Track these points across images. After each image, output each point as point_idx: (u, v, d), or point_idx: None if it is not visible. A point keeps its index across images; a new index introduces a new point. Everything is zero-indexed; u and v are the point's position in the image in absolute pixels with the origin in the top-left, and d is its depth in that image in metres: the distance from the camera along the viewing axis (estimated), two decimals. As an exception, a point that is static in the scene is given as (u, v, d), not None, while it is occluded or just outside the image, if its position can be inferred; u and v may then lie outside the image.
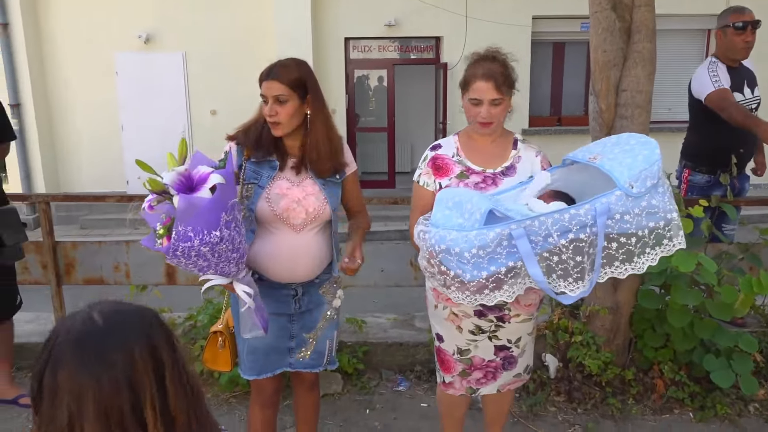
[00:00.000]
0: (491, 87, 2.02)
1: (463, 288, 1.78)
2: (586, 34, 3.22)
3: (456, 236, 1.74)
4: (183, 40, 9.03)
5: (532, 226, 1.73)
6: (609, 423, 3.00)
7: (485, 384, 2.29)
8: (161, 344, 0.97)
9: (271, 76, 2.00)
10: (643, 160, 1.77)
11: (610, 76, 2.87)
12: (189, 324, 3.49)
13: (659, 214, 1.76)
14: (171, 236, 1.70)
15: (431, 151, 2.20)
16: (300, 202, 2.08)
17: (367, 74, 10.45)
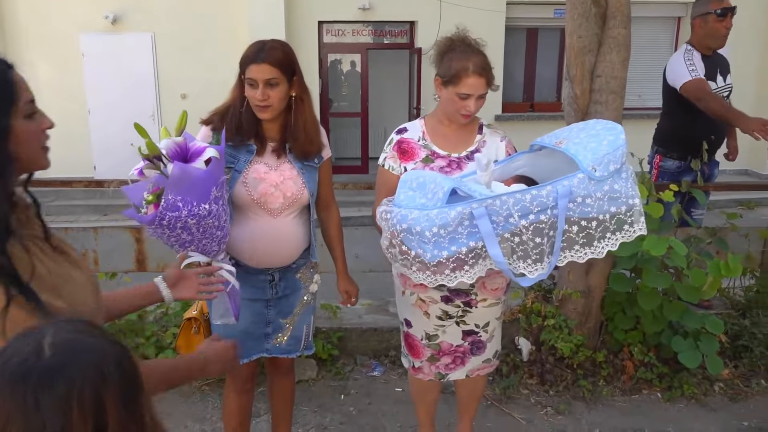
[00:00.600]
0: (483, 83, 2.03)
1: (423, 268, 1.77)
2: (560, 20, 3.23)
3: (417, 215, 1.73)
4: (152, 21, 8.81)
5: (494, 205, 1.72)
6: (580, 404, 3.05)
7: (454, 369, 2.31)
8: (111, 396, 0.81)
9: (261, 59, 1.94)
10: (608, 144, 1.77)
11: (585, 62, 2.88)
12: (160, 311, 3.44)
13: (621, 199, 1.76)
14: (158, 204, 1.66)
15: (397, 135, 2.18)
16: (278, 187, 2.05)
17: (340, 58, 10.35)
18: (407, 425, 2.87)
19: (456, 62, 2.02)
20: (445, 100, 2.08)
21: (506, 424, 2.88)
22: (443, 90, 2.07)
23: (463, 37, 2.09)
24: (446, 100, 2.08)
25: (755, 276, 3.63)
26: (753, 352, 3.26)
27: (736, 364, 3.29)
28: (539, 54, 9.71)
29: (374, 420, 2.94)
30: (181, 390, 3.16)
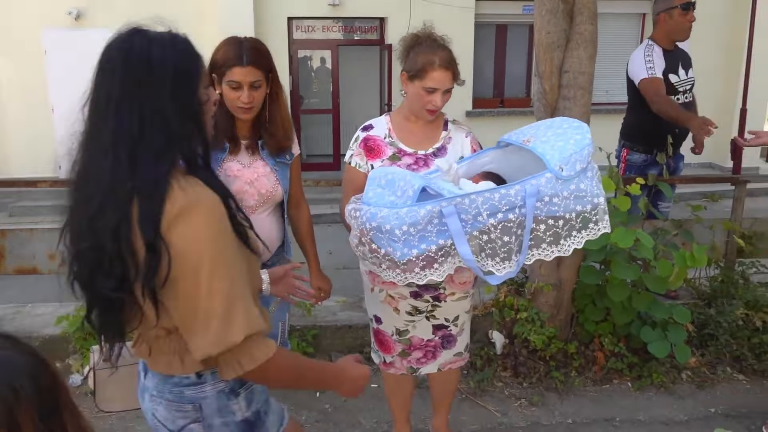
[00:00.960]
0: (449, 77, 2.04)
1: (393, 266, 1.78)
2: (528, 17, 3.26)
3: (387, 213, 1.73)
4: (116, 17, 8.48)
5: (463, 204, 1.74)
6: (553, 395, 3.10)
7: (425, 363, 2.33)
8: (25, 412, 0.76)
9: (246, 61, 1.91)
10: (575, 144, 1.80)
11: (554, 58, 2.92)
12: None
13: (587, 198, 1.79)
14: None
15: (363, 132, 2.18)
16: (252, 184, 2.04)
17: (310, 55, 10.29)
18: (383, 421, 2.88)
19: (422, 57, 2.03)
20: (411, 95, 2.08)
21: (481, 417, 2.91)
22: (409, 85, 2.07)
23: (429, 33, 2.10)
24: (413, 95, 2.08)
25: (720, 266, 3.73)
26: (719, 340, 3.35)
27: (702, 352, 3.38)
28: (509, 50, 9.79)
29: (350, 416, 2.94)
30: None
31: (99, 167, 1.12)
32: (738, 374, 3.29)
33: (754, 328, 3.37)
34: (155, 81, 1.12)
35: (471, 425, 2.85)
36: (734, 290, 3.57)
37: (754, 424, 2.87)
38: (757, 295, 3.50)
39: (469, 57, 8.92)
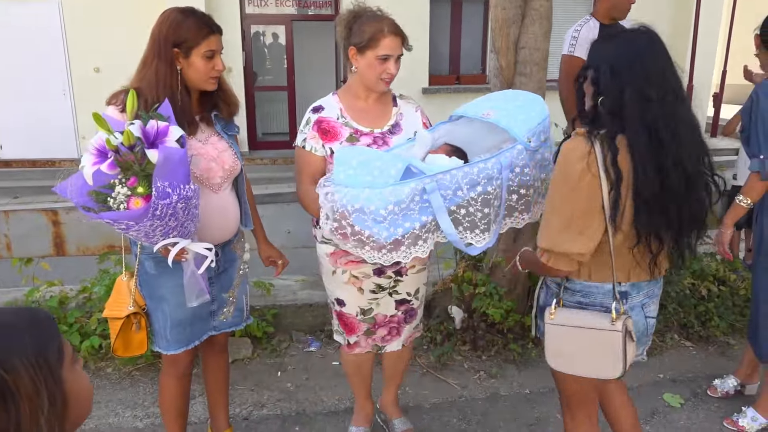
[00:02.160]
0: (399, 43, 2.04)
1: (378, 247, 1.77)
2: (484, -8, 3.24)
3: (370, 194, 1.71)
4: (56, -11, 8.23)
5: (443, 180, 1.76)
6: (511, 367, 3.18)
7: (390, 341, 2.35)
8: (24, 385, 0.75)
9: (216, 29, 1.92)
10: (537, 116, 1.86)
11: (510, 34, 2.93)
12: (83, 297, 3.29)
13: (549, 166, 1.89)
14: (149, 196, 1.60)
15: (314, 114, 2.12)
16: (216, 160, 2.01)
17: (263, 30, 10.06)
18: (345, 398, 2.90)
19: (368, 26, 2.01)
20: (363, 68, 2.05)
21: (442, 391, 2.96)
22: (360, 58, 2.04)
23: (365, 7, 2.08)
24: (365, 68, 2.05)
25: (668, 238, 3.86)
26: (667, 309, 3.49)
27: (651, 321, 3.51)
28: (464, 27, 9.79)
29: (312, 395, 2.95)
30: (109, 376, 3.05)
31: None
32: (685, 341, 3.44)
33: (700, 296, 3.52)
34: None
35: (432, 399, 2.90)
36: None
37: (700, 388, 3.01)
38: (703, 265, 3.65)
39: (425, 34, 8.89)
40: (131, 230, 1.70)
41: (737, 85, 13.84)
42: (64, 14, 8.37)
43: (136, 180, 1.64)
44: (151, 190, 1.62)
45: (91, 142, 1.67)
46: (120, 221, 1.65)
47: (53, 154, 8.07)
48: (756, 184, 2.41)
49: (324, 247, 2.21)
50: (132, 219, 1.63)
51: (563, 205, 1.59)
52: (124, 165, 1.65)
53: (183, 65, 1.89)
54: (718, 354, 3.34)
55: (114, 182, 1.66)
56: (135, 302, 2.02)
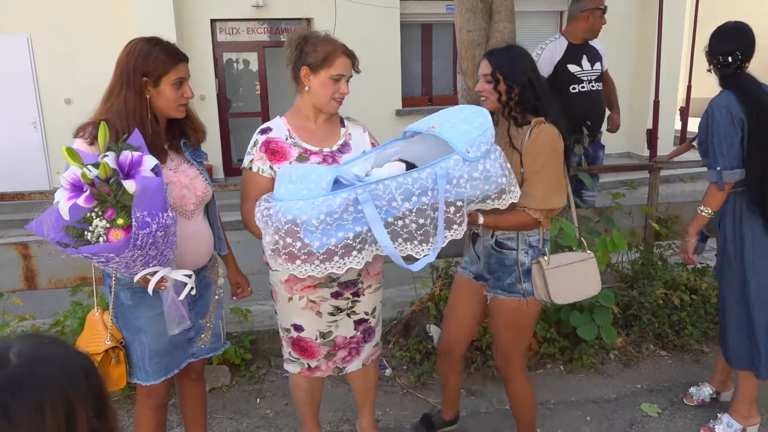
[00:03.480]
0: (351, 64, 2.11)
1: (311, 258, 1.76)
2: (452, 16, 3.33)
3: (302, 205, 1.73)
4: (26, 20, 8.18)
5: (377, 190, 1.77)
6: (491, 384, 3.19)
7: (350, 361, 2.35)
8: (82, 406, 0.81)
9: (184, 57, 1.95)
10: (478, 126, 1.87)
11: (475, 55, 3.00)
12: (56, 330, 3.22)
13: (492, 178, 1.89)
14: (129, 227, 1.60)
15: (261, 135, 2.14)
16: (188, 187, 2.02)
17: (236, 58, 10.10)
18: (325, 421, 2.87)
19: (321, 47, 2.06)
20: (316, 88, 2.09)
21: (422, 410, 2.95)
22: (313, 78, 2.08)
23: (311, 30, 2.15)
24: (318, 87, 2.09)
25: (639, 249, 3.93)
26: (642, 320, 3.54)
27: (628, 332, 3.56)
28: (434, 49, 9.95)
29: (292, 420, 2.92)
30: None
31: None
32: (660, 350, 3.49)
33: (673, 306, 3.58)
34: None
35: (413, 419, 2.89)
36: (654, 271, 3.77)
37: (676, 396, 3.05)
38: (675, 275, 3.71)
39: (396, 56, 9.02)
40: (111, 263, 1.69)
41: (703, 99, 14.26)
42: (33, 45, 8.31)
43: (114, 212, 1.63)
44: (130, 221, 1.62)
45: (63, 177, 1.67)
46: (100, 255, 1.64)
47: (23, 187, 7.94)
48: (715, 193, 2.50)
49: (278, 275, 2.20)
50: (112, 251, 1.63)
51: (558, 170, 2.13)
52: (100, 198, 1.64)
53: (152, 94, 1.90)
54: (693, 362, 3.39)
55: (90, 216, 1.65)
56: (112, 336, 1.98)
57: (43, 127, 8.56)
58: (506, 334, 2.32)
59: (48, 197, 3.50)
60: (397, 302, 3.70)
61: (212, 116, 8.59)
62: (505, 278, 2.23)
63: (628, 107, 10.09)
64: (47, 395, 0.79)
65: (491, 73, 2.16)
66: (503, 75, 2.14)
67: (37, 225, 1.70)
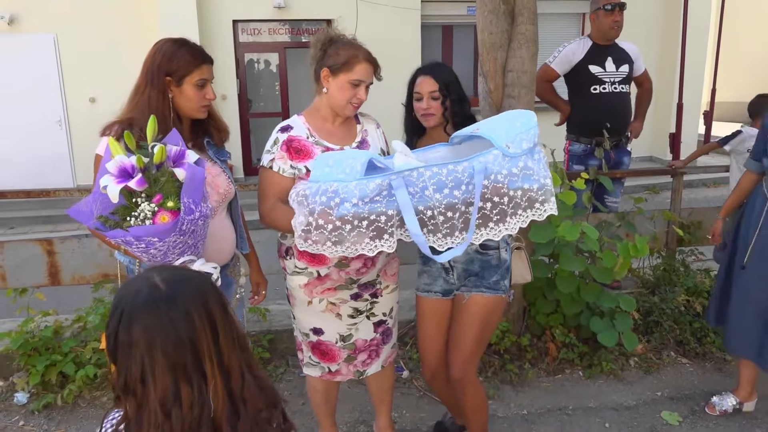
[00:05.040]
0: (372, 71, 2.10)
1: (343, 240, 1.75)
2: (473, 18, 3.32)
3: (337, 187, 1.73)
4: (53, 21, 8.33)
5: (411, 176, 1.74)
6: (508, 388, 3.17)
7: (370, 364, 2.35)
8: (215, 307, 1.13)
9: (208, 59, 1.97)
10: (521, 125, 1.83)
11: (497, 57, 2.98)
12: (78, 326, 3.27)
13: (533, 177, 1.79)
14: (176, 212, 1.64)
15: (282, 134, 2.12)
16: (210, 185, 2.03)
17: (257, 58, 10.18)
18: (342, 422, 2.88)
19: (344, 51, 2.05)
20: (335, 91, 2.08)
21: (439, 413, 2.93)
22: (332, 80, 2.08)
23: (341, 34, 2.13)
24: (336, 90, 2.08)
25: (661, 255, 3.88)
26: (663, 326, 3.49)
27: (648, 338, 3.51)
28: (455, 50, 9.92)
29: (309, 420, 2.93)
30: (105, 405, 3.03)
31: None
32: (682, 358, 3.44)
33: (695, 313, 3.53)
34: None
35: (429, 421, 2.88)
36: (676, 278, 3.72)
37: (698, 405, 3.00)
38: (697, 281, 3.66)
39: (417, 57, 9.01)
40: (151, 248, 1.70)
41: (727, 103, 14.04)
42: (59, 46, 8.46)
43: (161, 197, 1.66)
44: (179, 204, 1.64)
45: (108, 165, 1.68)
46: (142, 238, 1.66)
47: (48, 184, 8.08)
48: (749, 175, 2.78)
49: (297, 279, 2.20)
50: (158, 235, 1.64)
51: None
52: (153, 180, 1.67)
53: (175, 93, 1.93)
54: (715, 370, 3.33)
55: (134, 202, 1.67)
56: None
57: (68, 126, 8.70)
58: (475, 334, 2.25)
59: (72, 194, 3.56)
60: (414, 304, 3.68)
61: (233, 116, 8.65)
62: (491, 276, 2.22)
63: (651, 110, 9.88)
64: (191, 304, 1.09)
65: (438, 89, 2.22)
66: (448, 89, 2.23)
67: (77, 211, 1.71)
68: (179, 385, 1.06)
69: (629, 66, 3.90)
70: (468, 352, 2.27)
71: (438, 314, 2.35)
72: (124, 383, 1.07)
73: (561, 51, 3.90)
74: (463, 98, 2.26)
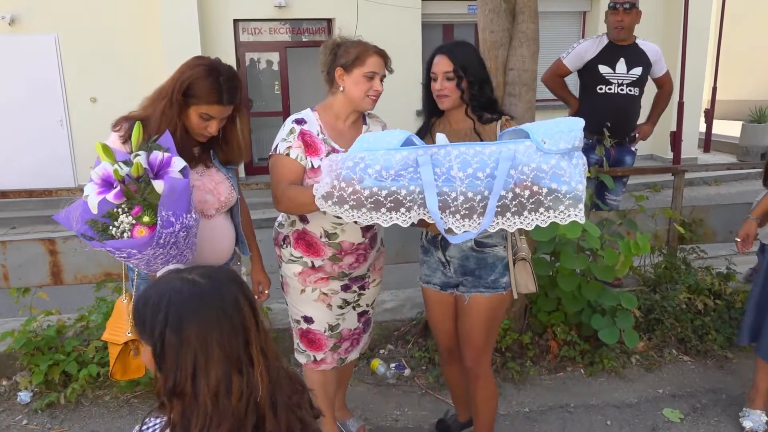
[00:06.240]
0: (383, 63, 2.12)
1: (360, 205, 1.74)
2: (474, 16, 3.32)
3: (365, 154, 1.73)
4: (54, 21, 8.34)
5: (438, 155, 1.72)
6: (510, 386, 3.17)
7: (351, 351, 2.45)
8: (250, 293, 1.19)
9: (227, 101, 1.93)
10: (565, 126, 1.77)
11: (498, 56, 2.99)
12: (81, 325, 3.28)
13: (563, 178, 1.71)
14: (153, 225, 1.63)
15: (297, 125, 2.14)
16: (212, 192, 2.06)
17: (258, 57, 10.19)
18: (344, 420, 2.88)
19: (353, 48, 2.09)
20: (351, 86, 2.10)
21: (440, 411, 2.94)
22: (347, 78, 2.10)
23: (346, 37, 2.16)
24: (353, 85, 2.10)
25: (662, 253, 3.89)
26: (664, 324, 3.49)
27: (650, 336, 3.52)
28: (456, 49, 9.93)
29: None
30: (107, 404, 3.04)
31: None
32: (683, 356, 3.44)
33: (696, 311, 3.53)
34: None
35: (431, 419, 2.89)
36: (677, 275, 3.72)
37: (699, 402, 3.01)
38: (698, 279, 3.66)
39: (418, 56, 9.01)
40: (132, 258, 1.72)
41: (728, 101, 14.02)
42: (60, 46, 8.47)
43: (140, 209, 1.66)
44: (156, 219, 1.64)
45: (95, 171, 1.70)
46: (122, 250, 1.67)
47: (50, 184, 8.09)
48: None
49: (292, 267, 2.26)
50: (135, 247, 1.65)
51: None
52: (129, 195, 1.67)
53: (184, 111, 1.93)
54: (716, 368, 3.34)
55: (116, 212, 1.68)
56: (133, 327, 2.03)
57: (70, 126, 8.71)
58: (482, 332, 2.27)
59: (74, 194, 3.56)
60: (417, 302, 3.70)
61: (234, 116, 8.66)
62: (488, 276, 2.20)
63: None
64: (235, 292, 1.15)
65: (453, 69, 2.12)
66: (465, 70, 2.12)
67: (65, 217, 1.74)
68: (231, 375, 1.09)
69: (643, 68, 3.86)
70: (478, 347, 2.30)
71: (439, 305, 2.38)
72: (173, 385, 1.07)
73: (575, 47, 3.89)
74: (484, 81, 2.16)
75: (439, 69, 2.15)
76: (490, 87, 2.19)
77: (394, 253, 3.34)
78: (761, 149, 10.27)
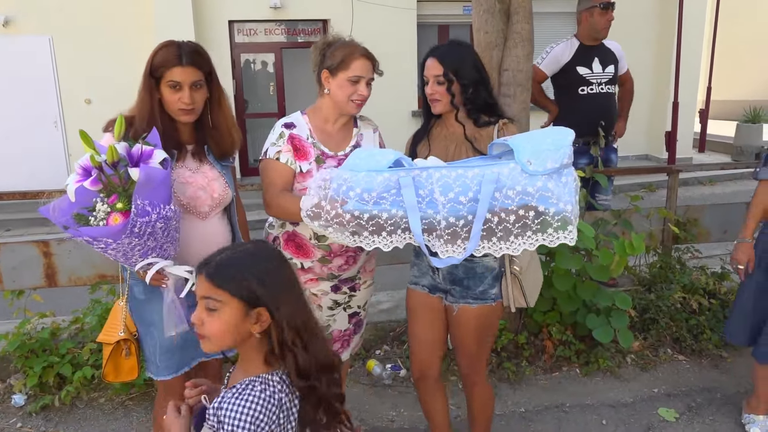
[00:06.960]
0: (371, 66, 2.11)
1: (342, 228, 1.75)
2: (469, 17, 3.32)
3: (348, 175, 1.73)
4: (48, 22, 8.32)
5: (420, 177, 1.71)
6: (505, 386, 3.17)
7: (341, 352, 2.43)
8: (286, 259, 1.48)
9: (186, 62, 1.88)
10: (551, 142, 1.71)
11: (493, 56, 2.99)
12: (75, 327, 3.27)
13: (551, 200, 1.66)
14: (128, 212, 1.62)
15: (286, 129, 2.14)
16: (205, 189, 2.03)
17: (253, 59, 10.18)
18: (340, 422, 2.88)
19: (340, 50, 2.08)
20: (335, 90, 2.10)
21: (437, 412, 2.94)
22: (332, 80, 2.10)
23: (338, 37, 2.15)
24: (337, 89, 2.10)
25: (657, 253, 3.90)
26: (659, 323, 3.50)
27: (645, 336, 3.53)
28: (451, 50, 9.94)
29: None
30: (102, 407, 3.03)
31: None
32: (678, 355, 3.45)
33: (691, 310, 3.54)
34: None
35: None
36: (672, 275, 3.74)
37: (694, 401, 3.01)
38: (693, 278, 3.67)
39: (413, 58, 9.02)
40: (109, 248, 1.71)
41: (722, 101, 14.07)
42: (54, 47, 8.44)
43: (116, 197, 1.66)
44: (130, 206, 1.63)
45: (78, 162, 1.71)
46: (99, 239, 1.66)
47: (45, 185, 8.04)
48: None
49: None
50: (110, 236, 1.64)
51: None
52: (111, 186, 1.67)
53: (160, 94, 1.92)
54: (711, 367, 3.35)
55: (96, 201, 1.68)
56: (126, 328, 2.02)
57: (64, 127, 8.69)
58: (474, 341, 2.19)
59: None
60: (412, 303, 3.69)
61: (229, 117, 8.66)
62: (476, 287, 2.10)
63: (647, 109, 10.00)
64: (280, 257, 1.42)
65: (443, 73, 2.06)
66: (457, 73, 2.06)
67: (46, 208, 1.73)
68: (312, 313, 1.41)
69: (615, 66, 3.92)
70: (472, 355, 2.24)
71: (423, 309, 2.25)
72: (281, 333, 1.31)
73: (549, 52, 3.90)
74: (479, 83, 2.09)
75: (430, 73, 2.12)
76: (487, 89, 2.13)
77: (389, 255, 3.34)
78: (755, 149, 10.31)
